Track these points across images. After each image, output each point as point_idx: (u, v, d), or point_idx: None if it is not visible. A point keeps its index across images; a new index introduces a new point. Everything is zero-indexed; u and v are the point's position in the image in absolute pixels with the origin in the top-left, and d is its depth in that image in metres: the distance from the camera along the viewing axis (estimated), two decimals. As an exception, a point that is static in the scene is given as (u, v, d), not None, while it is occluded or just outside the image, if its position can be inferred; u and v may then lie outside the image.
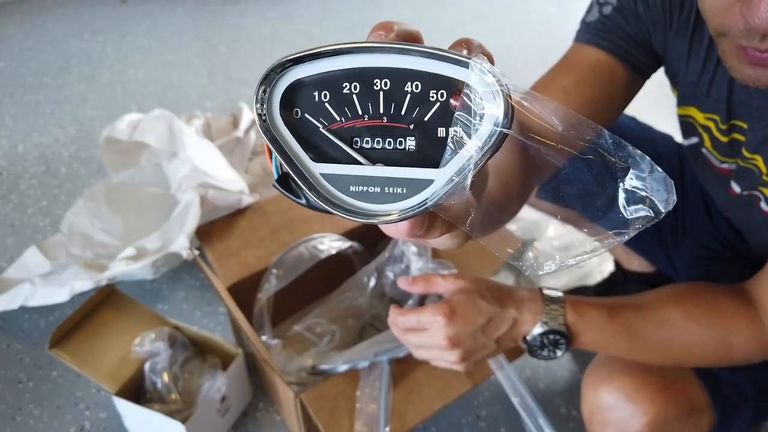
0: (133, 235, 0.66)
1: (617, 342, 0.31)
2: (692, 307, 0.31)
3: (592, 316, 0.32)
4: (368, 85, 0.16)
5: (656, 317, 0.31)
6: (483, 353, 0.32)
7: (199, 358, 0.54)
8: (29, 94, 1.09)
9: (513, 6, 1.44)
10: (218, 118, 0.82)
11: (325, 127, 0.16)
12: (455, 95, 0.15)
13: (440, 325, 0.31)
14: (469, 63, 0.15)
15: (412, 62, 0.15)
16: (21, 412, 0.58)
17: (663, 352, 0.31)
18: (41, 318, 0.67)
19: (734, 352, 0.30)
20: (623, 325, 0.31)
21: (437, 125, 0.16)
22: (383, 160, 0.16)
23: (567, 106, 0.38)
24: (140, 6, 1.42)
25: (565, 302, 0.32)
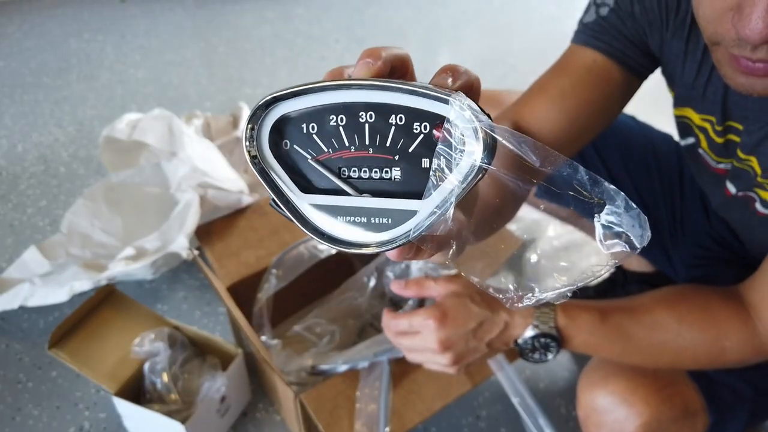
0: (132, 235, 0.66)
1: (609, 345, 0.32)
2: (684, 311, 0.31)
3: (583, 319, 0.32)
4: (354, 117, 0.16)
5: (648, 320, 0.31)
6: (475, 356, 0.32)
7: (199, 358, 0.54)
8: (28, 94, 1.09)
9: (513, 5, 1.44)
10: (218, 118, 0.82)
11: (313, 158, 0.17)
12: (437, 127, 0.16)
13: (432, 329, 0.31)
14: (449, 100, 0.15)
15: (394, 98, 0.16)
16: (20, 412, 0.57)
17: (655, 356, 0.31)
18: (41, 318, 0.67)
19: (727, 356, 0.31)
20: (615, 328, 0.31)
21: (421, 156, 0.16)
22: (370, 190, 0.17)
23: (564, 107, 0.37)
24: (140, 5, 1.42)
25: (556, 305, 0.32)
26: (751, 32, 0.22)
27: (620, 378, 0.32)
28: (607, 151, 0.49)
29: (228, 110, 0.98)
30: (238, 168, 0.77)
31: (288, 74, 1.15)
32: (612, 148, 0.49)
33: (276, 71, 1.16)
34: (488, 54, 1.24)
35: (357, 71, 0.17)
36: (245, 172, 0.79)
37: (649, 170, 0.48)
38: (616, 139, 0.49)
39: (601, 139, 0.48)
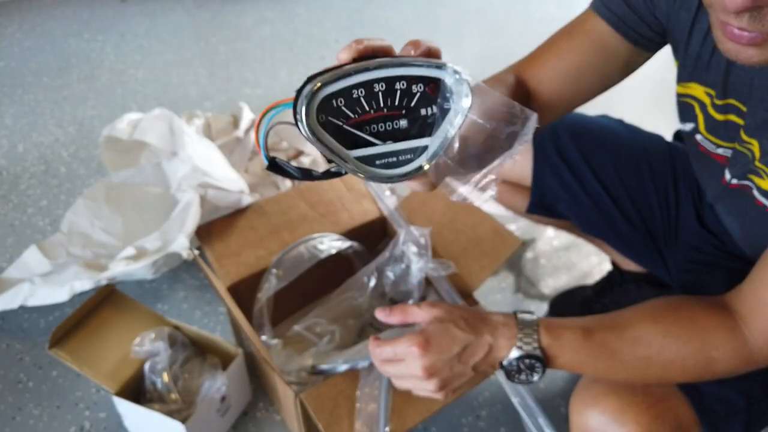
0: (133, 234, 0.66)
1: (594, 363, 0.31)
2: (669, 324, 0.31)
3: (566, 338, 0.31)
4: (370, 88, 0.23)
5: (633, 335, 0.31)
6: (461, 380, 0.32)
7: (199, 357, 0.54)
8: (29, 94, 1.09)
9: (513, 5, 1.44)
10: (218, 118, 0.82)
11: (345, 124, 0.23)
12: (430, 85, 0.23)
13: (415, 356, 0.31)
14: (445, 65, 0.23)
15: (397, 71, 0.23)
16: (21, 412, 0.58)
17: (642, 371, 0.31)
18: (41, 318, 0.67)
19: (716, 366, 0.30)
20: (599, 345, 0.31)
21: (420, 107, 0.23)
22: (391, 138, 0.24)
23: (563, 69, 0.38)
24: (140, 5, 1.42)
25: (539, 325, 0.32)
26: (729, 1, 0.23)
27: (611, 397, 0.32)
28: (598, 158, 0.48)
29: (228, 110, 0.98)
30: (239, 168, 0.77)
31: (288, 74, 1.15)
32: (602, 155, 0.49)
33: (276, 71, 1.16)
34: (488, 53, 1.24)
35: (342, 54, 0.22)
36: (245, 172, 0.79)
37: (641, 175, 0.48)
38: (606, 146, 0.49)
39: (591, 146, 0.48)
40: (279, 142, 0.84)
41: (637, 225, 0.49)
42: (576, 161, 0.48)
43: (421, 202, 0.57)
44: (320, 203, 0.61)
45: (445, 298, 0.49)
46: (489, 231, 0.52)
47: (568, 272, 0.74)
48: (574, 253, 0.77)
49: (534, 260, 0.75)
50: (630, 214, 0.48)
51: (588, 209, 0.49)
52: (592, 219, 0.49)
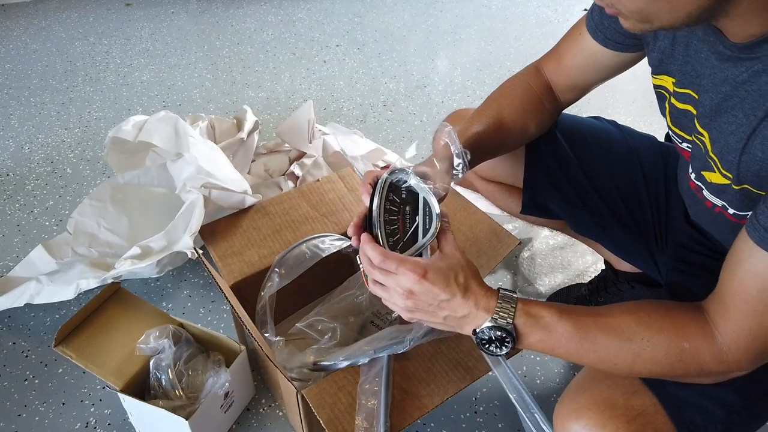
0: (138, 234, 0.67)
1: (566, 343, 0.32)
2: (645, 315, 0.32)
3: (541, 316, 0.32)
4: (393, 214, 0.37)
5: (608, 322, 0.32)
6: (427, 319, 0.35)
7: (203, 354, 0.55)
8: (35, 96, 1.10)
9: (510, 10, 1.46)
10: (222, 120, 0.84)
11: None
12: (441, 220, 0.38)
13: (409, 279, 0.33)
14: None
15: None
16: (27, 408, 0.58)
17: (613, 356, 0.31)
18: (47, 316, 0.68)
19: (686, 359, 0.30)
20: (572, 326, 0.32)
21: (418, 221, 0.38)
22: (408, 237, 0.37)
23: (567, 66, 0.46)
24: (144, 9, 1.44)
25: (517, 303, 0.33)
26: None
27: (593, 411, 0.32)
28: (590, 159, 0.49)
29: (232, 112, 1.00)
30: (242, 169, 0.78)
31: (290, 78, 1.17)
32: (595, 156, 0.49)
33: (278, 74, 1.18)
34: (486, 57, 1.26)
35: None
36: (248, 173, 0.80)
37: (633, 176, 0.49)
38: (598, 147, 0.50)
39: (583, 147, 0.49)
40: (281, 144, 0.86)
41: (628, 225, 0.50)
42: (568, 161, 0.49)
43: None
44: (322, 204, 0.62)
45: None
46: (486, 230, 0.53)
47: (563, 271, 0.75)
48: (570, 252, 0.78)
49: (531, 259, 0.76)
50: (621, 214, 0.49)
51: (579, 209, 0.50)
52: (583, 219, 0.50)
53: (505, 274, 0.74)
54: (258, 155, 0.84)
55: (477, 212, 0.55)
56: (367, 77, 1.16)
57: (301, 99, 1.09)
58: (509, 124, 0.45)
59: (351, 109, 1.07)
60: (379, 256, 0.33)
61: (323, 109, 1.06)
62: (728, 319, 0.30)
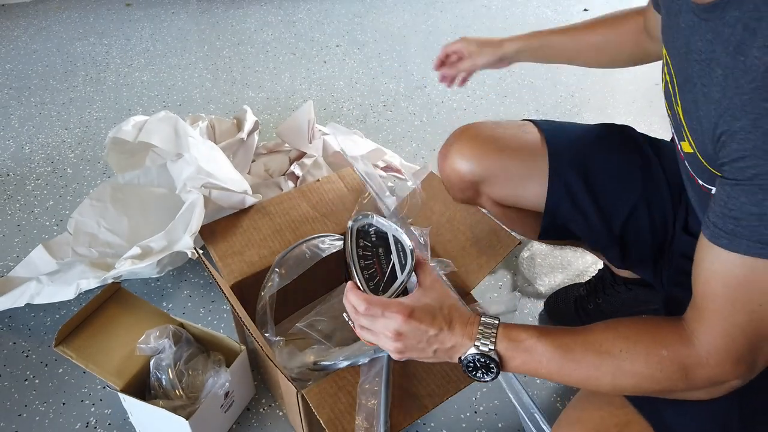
0: (138, 234, 0.67)
1: (547, 363, 0.32)
2: (623, 329, 0.32)
3: (521, 339, 0.33)
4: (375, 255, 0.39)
5: (587, 339, 0.32)
6: (418, 355, 0.35)
7: (204, 354, 0.55)
8: (35, 96, 1.10)
9: (510, 9, 1.46)
10: (222, 121, 0.84)
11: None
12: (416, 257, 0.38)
13: (396, 321, 0.33)
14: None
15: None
16: (27, 408, 0.58)
17: (593, 372, 0.31)
18: (47, 316, 0.68)
19: (667, 367, 0.30)
20: (552, 346, 0.32)
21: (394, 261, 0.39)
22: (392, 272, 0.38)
23: (646, 17, 0.48)
24: (145, 9, 1.44)
25: (498, 329, 0.33)
26: None
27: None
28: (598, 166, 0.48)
29: (232, 113, 1.00)
30: (242, 169, 0.78)
31: (290, 78, 1.17)
32: (604, 163, 0.48)
33: (279, 75, 1.18)
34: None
35: None
36: (248, 173, 0.80)
37: (660, 190, 0.47)
38: (608, 151, 0.48)
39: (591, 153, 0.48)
40: (281, 144, 0.86)
41: (637, 239, 0.48)
42: (593, 179, 0.47)
43: (421, 203, 0.59)
44: (322, 204, 0.62)
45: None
46: (486, 231, 0.53)
47: (563, 271, 0.75)
48: (570, 252, 0.78)
49: (530, 259, 0.76)
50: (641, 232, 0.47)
51: (599, 228, 0.48)
52: (602, 236, 0.48)
53: (505, 274, 0.74)
54: (258, 155, 0.84)
55: (477, 212, 0.55)
56: (367, 77, 1.16)
57: (301, 99, 1.09)
58: (613, 40, 0.48)
59: (351, 109, 1.07)
60: (363, 303, 0.34)
61: (323, 109, 1.06)
62: (702, 322, 0.29)
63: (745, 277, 0.27)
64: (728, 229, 0.27)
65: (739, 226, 0.27)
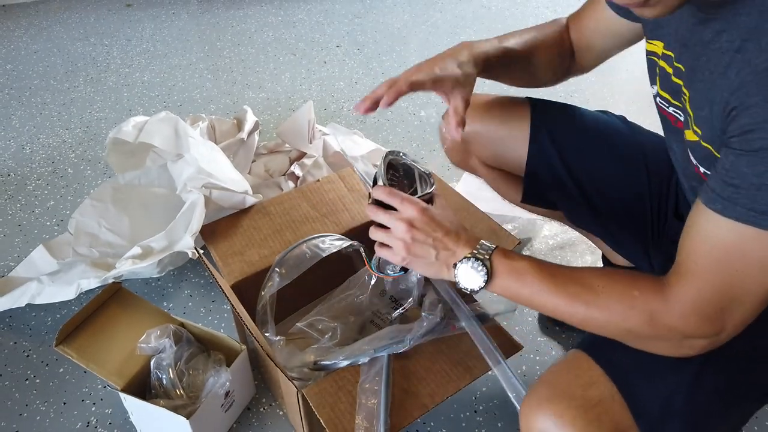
0: (139, 234, 0.68)
1: (530, 283, 0.35)
2: (609, 272, 0.35)
3: (515, 259, 0.36)
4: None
5: (575, 273, 0.35)
6: (422, 255, 0.38)
7: (204, 354, 0.55)
8: (36, 97, 1.10)
9: (510, 10, 1.46)
10: (222, 121, 0.84)
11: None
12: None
13: (412, 209, 0.37)
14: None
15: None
16: (28, 408, 0.59)
17: (570, 300, 0.34)
18: (48, 315, 0.68)
19: (637, 306, 0.32)
20: (540, 270, 0.35)
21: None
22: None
23: (588, 30, 0.48)
24: (145, 10, 1.44)
25: (496, 248, 0.37)
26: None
27: (551, 402, 0.34)
28: (593, 152, 0.50)
29: (232, 113, 1.00)
30: (242, 169, 0.78)
31: (291, 78, 1.17)
32: (598, 149, 0.50)
33: (279, 75, 1.18)
34: (487, 58, 1.26)
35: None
36: (249, 174, 0.81)
37: (637, 171, 0.49)
38: (602, 140, 0.50)
39: (587, 140, 0.50)
40: (282, 144, 0.86)
41: (625, 223, 0.50)
42: (571, 154, 0.50)
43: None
44: (322, 204, 0.62)
45: (444, 297, 0.50)
46: (486, 231, 0.53)
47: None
48: (569, 252, 0.78)
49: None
50: (619, 211, 0.50)
51: (578, 202, 0.50)
52: (581, 212, 0.51)
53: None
54: (258, 155, 0.84)
55: (477, 212, 0.55)
56: (368, 78, 1.16)
57: (301, 99, 1.09)
58: (537, 57, 0.47)
59: (351, 110, 1.07)
60: (386, 190, 0.38)
61: (323, 109, 1.07)
62: (679, 276, 0.31)
63: (732, 243, 0.29)
64: (725, 195, 0.29)
65: (736, 194, 0.28)
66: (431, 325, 0.47)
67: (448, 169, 0.88)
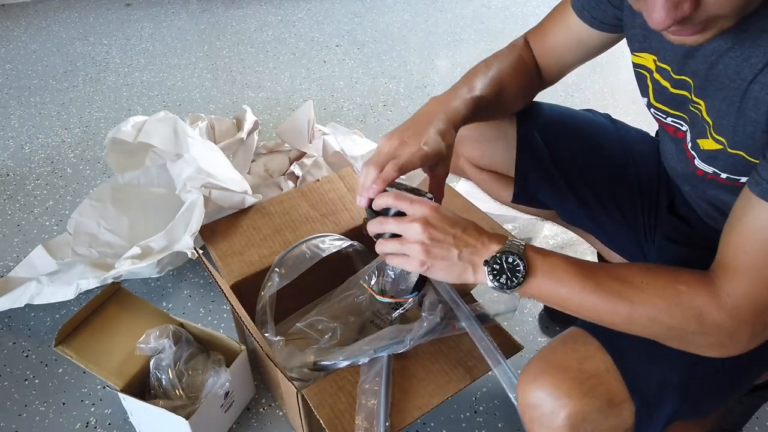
0: (138, 234, 0.67)
1: (569, 281, 0.32)
2: (648, 267, 0.33)
3: (549, 254, 0.34)
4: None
5: (612, 269, 0.33)
6: (443, 256, 0.34)
7: (203, 354, 0.55)
8: (35, 96, 1.10)
9: (510, 10, 1.46)
10: (222, 121, 0.84)
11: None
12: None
13: (424, 208, 0.34)
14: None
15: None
16: (27, 408, 0.58)
17: (613, 299, 0.32)
18: (47, 316, 0.68)
19: (683, 302, 0.30)
20: (577, 266, 0.33)
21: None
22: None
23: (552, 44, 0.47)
24: (145, 9, 1.44)
25: (526, 243, 0.35)
26: (654, 23, 0.27)
27: (548, 374, 0.34)
28: (582, 151, 0.50)
29: (232, 113, 1.00)
30: (242, 169, 0.78)
31: (290, 78, 1.17)
32: (586, 148, 0.50)
33: (279, 75, 1.18)
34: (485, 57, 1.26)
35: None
36: (248, 173, 0.81)
37: (626, 168, 0.49)
38: (590, 138, 0.50)
39: (575, 139, 0.50)
40: (281, 144, 0.86)
41: (616, 218, 0.50)
42: (558, 152, 0.49)
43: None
44: (322, 204, 0.62)
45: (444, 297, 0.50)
46: (487, 230, 0.53)
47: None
48: (570, 251, 0.78)
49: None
50: (610, 205, 0.50)
51: (568, 199, 0.50)
52: (573, 209, 0.51)
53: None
54: (258, 155, 0.84)
55: (477, 212, 0.55)
56: (367, 77, 1.16)
57: (301, 99, 1.09)
58: (506, 91, 0.46)
59: (351, 109, 1.07)
60: (393, 194, 0.35)
61: (323, 109, 1.06)
62: (727, 269, 0.30)
63: None
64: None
65: None
66: (431, 325, 0.47)
67: (448, 169, 0.88)
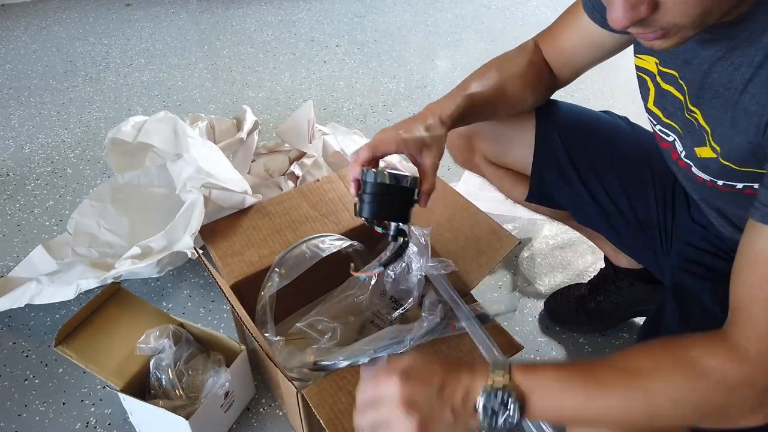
0: (138, 234, 0.67)
1: (573, 393, 0.28)
2: (647, 346, 0.29)
3: (541, 370, 0.30)
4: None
5: (618, 363, 0.29)
6: (441, 425, 0.29)
7: (203, 354, 0.55)
8: (35, 96, 1.10)
9: (510, 10, 1.46)
10: (222, 121, 0.84)
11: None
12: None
13: (396, 386, 0.29)
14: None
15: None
16: (27, 408, 0.58)
17: (625, 394, 0.27)
18: (47, 316, 0.68)
19: (700, 366, 0.26)
20: (576, 372, 0.29)
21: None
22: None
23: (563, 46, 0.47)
24: (145, 9, 1.44)
25: (511, 364, 0.30)
26: (612, 22, 0.27)
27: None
28: (599, 153, 0.50)
29: (231, 113, 1.00)
30: (242, 169, 0.78)
31: (290, 77, 1.17)
32: (604, 150, 0.50)
33: (278, 75, 1.18)
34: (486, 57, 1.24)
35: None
36: (248, 173, 0.81)
37: (641, 174, 0.49)
38: (608, 141, 0.50)
39: (593, 140, 0.50)
40: (281, 144, 0.86)
41: (631, 221, 0.50)
42: (577, 153, 0.49)
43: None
44: (322, 204, 0.62)
45: (444, 296, 0.50)
46: (486, 230, 0.53)
47: (563, 271, 0.75)
48: (570, 251, 0.78)
49: (530, 259, 0.76)
50: (626, 208, 0.50)
51: (584, 201, 0.50)
52: (588, 210, 0.51)
53: (505, 274, 0.74)
54: (258, 155, 0.84)
55: (477, 212, 0.55)
56: (367, 77, 1.16)
57: (301, 99, 1.09)
58: (509, 92, 0.46)
59: (351, 109, 1.07)
60: (359, 390, 0.30)
61: (323, 109, 1.06)
62: (741, 312, 0.27)
63: None
64: None
65: None
66: (431, 325, 0.47)
67: (449, 169, 0.88)
